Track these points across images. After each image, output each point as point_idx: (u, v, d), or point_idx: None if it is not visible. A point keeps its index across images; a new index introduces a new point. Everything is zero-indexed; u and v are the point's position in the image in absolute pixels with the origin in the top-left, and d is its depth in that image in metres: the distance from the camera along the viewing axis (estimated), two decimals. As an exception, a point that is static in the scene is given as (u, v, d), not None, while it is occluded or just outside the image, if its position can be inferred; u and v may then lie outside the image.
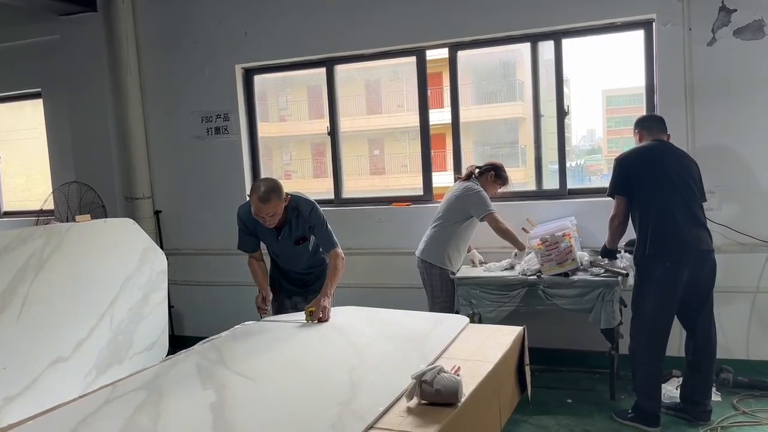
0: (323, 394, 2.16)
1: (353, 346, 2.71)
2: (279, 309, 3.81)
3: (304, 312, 3.24)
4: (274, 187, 3.27)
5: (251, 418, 1.99)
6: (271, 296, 3.54)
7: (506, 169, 4.42)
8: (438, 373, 2.06)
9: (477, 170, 4.38)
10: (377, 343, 2.74)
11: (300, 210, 3.47)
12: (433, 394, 2.03)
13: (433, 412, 1.98)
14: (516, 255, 4.24)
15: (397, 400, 2.07)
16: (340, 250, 3.54)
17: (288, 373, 2.43)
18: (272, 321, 3.32)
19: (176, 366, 2.58)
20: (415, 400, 2.04)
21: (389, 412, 2.00)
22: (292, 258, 3.68)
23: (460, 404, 2.03)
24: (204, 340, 2.96)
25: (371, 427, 1.89)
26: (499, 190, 4.41)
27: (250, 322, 3.30)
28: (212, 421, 1.97)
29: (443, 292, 4.24)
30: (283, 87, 6.39)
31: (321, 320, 3.15)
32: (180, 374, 2.47)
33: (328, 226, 3.56)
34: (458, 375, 2.13)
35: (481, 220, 4.19)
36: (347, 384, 2.23)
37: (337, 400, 2.08)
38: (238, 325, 3.24)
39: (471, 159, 4.96)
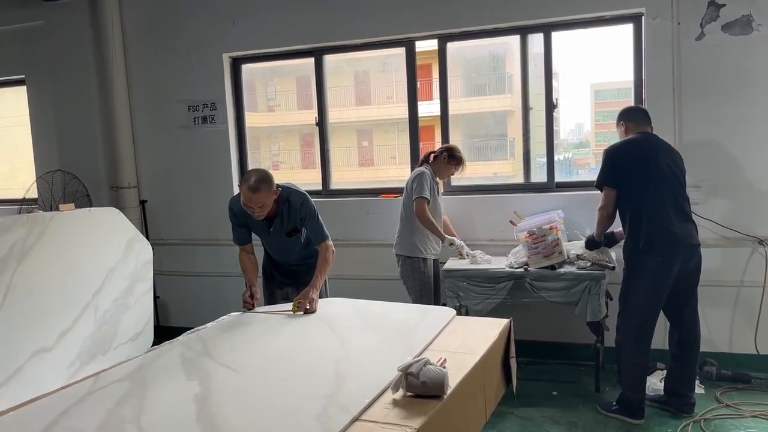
0: (309, 385, 2.15)
1: (339, 338, 2.70)
2: (270, 299, 3.80)
3: (291, 303, 3.22)
4: (264, 177, 3.24)
5: (236, 410, 1.97)
6: (259, 294, 3.50)
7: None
8: (424, 366, 2.05)
9: (432, 155, 4.40)
10: (364, 335, 2.73)
11: (291, 202, 3.44)
12: (419, 387, 2.02)
13: (419, 405, 1.97)
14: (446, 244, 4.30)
15: (383, 392, 2.06)
16: (330, 243, 3.52)
17: (273, 364, 2.42)
18: (259, 312, 3.30)
19: (161, 357, 2.56)
20: (401, 393, 2.03)
21: (375, 404, 1.99)
22: (284, 250, 3.67)
23: (445, 396, 2.02)
24: (189, 331, 2.93)
25: (357, 419, 1.88)
26: (456, 173, 4.41)
27: (236, 312, 3.28)
28: (196, 412, 1.95)
29: (416, 282, 4.29)
30: (272, 77, 6.34)
31: (307, 311, 3.14)
32: (164, 365, 2.45)
33: (320, 218, 3.54)
34: (444, 367, 2.12)
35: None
36: (333, 376, 2.22)
37: (323, 392, 2.06)
38: (224, 316, 3.21)
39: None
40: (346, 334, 2.75)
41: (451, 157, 4.33)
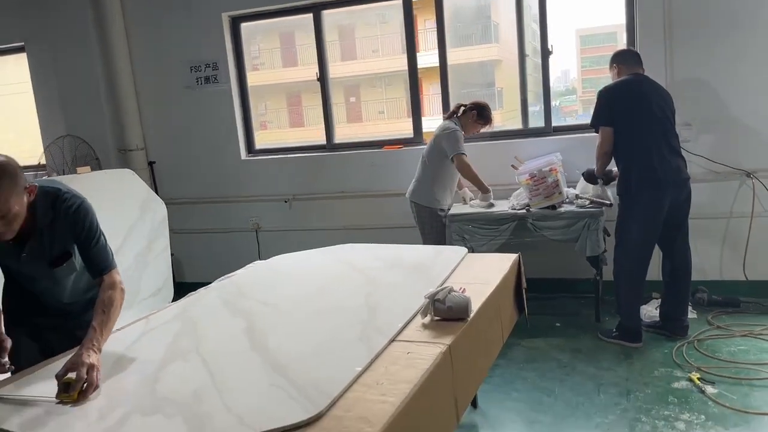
0: (344, 316, 2.33)
1: (364, 276, 2.87)
2: (16, 357, 2.18)
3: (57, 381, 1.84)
4: (5, 168, 1.99)
5: (285, 339, 2.15)
6: (8, 345, 2.13)
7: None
8: (449, 293, 2.27)
9: (462, 108, 4.49)
10: (385, 273, 2.90)
11: (59, 209, 2.21)
12: (446, 311, 2.24)
13: (447, 327, 2.18)
14: (481, 197, 4.47)
15: (413, 317, 2.27)
16: (119, 277, 2.29)
17: (307, 301, 2.58)
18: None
19: (201, 300, 2.73)
20: (429, 318, 2.25)
21: (407, 328, 2.20)
22: (48, 286, 2.40)
23: (469, 319, 2.24)
24: (220, 278, 3.08)
25: (393, 340, 2.09)
26: (482, 130, 4.54)
27: (260, 261, 3.44)
28: (249, 342, 2.15)
29: (432, 229, 4.44)
30: (254, 35, 6.37)
31: (85, 393, 1.81)
32: (207, 307, 2.61)
33: (103, 237, 2.31)
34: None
35: (451, 160, 4.30)
36: (365, 307, 2.41)
37: (358, 320, 2.26)
38: (250, 264, 3.34)
39: (449, 102, 5.06)
40: (369, 273, 2.93)
41: (479, 116, 4.43)
